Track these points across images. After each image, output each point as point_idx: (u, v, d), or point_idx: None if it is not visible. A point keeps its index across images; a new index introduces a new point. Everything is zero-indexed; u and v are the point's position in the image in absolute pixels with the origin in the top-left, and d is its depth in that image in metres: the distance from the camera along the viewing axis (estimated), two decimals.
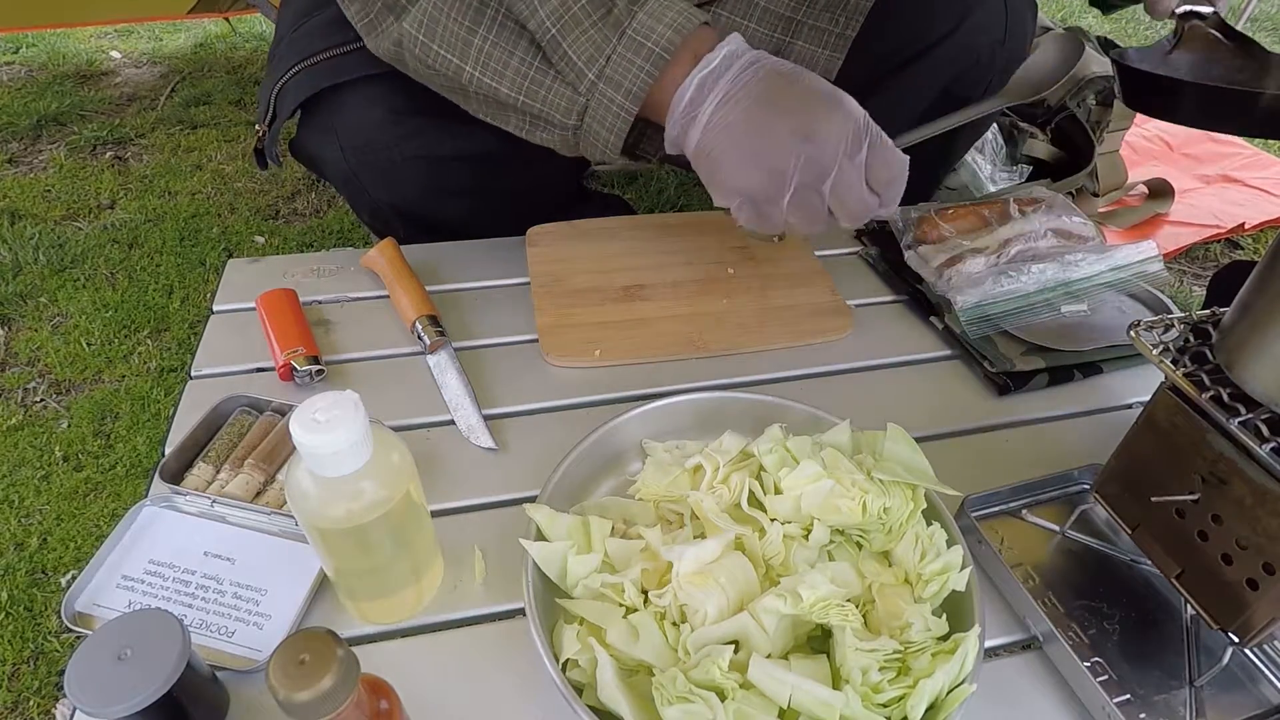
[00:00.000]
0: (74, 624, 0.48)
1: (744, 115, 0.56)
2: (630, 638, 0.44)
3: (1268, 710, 0.48)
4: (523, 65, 0.59)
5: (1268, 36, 2.46)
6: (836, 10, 0.76)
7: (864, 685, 0.41)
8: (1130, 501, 0.51)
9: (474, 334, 0.71)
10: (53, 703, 0.79)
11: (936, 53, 0.87)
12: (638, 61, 0.56)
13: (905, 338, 0.75)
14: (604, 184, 1.53)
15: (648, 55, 0.56)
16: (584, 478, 0.55)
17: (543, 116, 0.61)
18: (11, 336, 1.20)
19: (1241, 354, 0.43)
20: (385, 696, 0.38)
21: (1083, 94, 1.32)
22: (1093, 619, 0.52)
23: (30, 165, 1.62)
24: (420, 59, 0.62)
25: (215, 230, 1.42)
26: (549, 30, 0.57)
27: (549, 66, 0.59)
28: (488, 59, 0.60)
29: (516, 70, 0.60)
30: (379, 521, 0.42)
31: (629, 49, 0.57)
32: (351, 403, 0.39)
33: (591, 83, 0.58)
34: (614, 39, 0.57)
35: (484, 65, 0.60)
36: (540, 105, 0.60)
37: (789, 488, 0.50)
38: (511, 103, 0.61)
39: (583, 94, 0.58)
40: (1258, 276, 0.42)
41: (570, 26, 0.57)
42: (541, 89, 0.60)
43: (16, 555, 0.90)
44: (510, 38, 0.60)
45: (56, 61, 2.03)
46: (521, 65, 0.59)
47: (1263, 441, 0.41)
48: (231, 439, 0.58)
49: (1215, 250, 1.39)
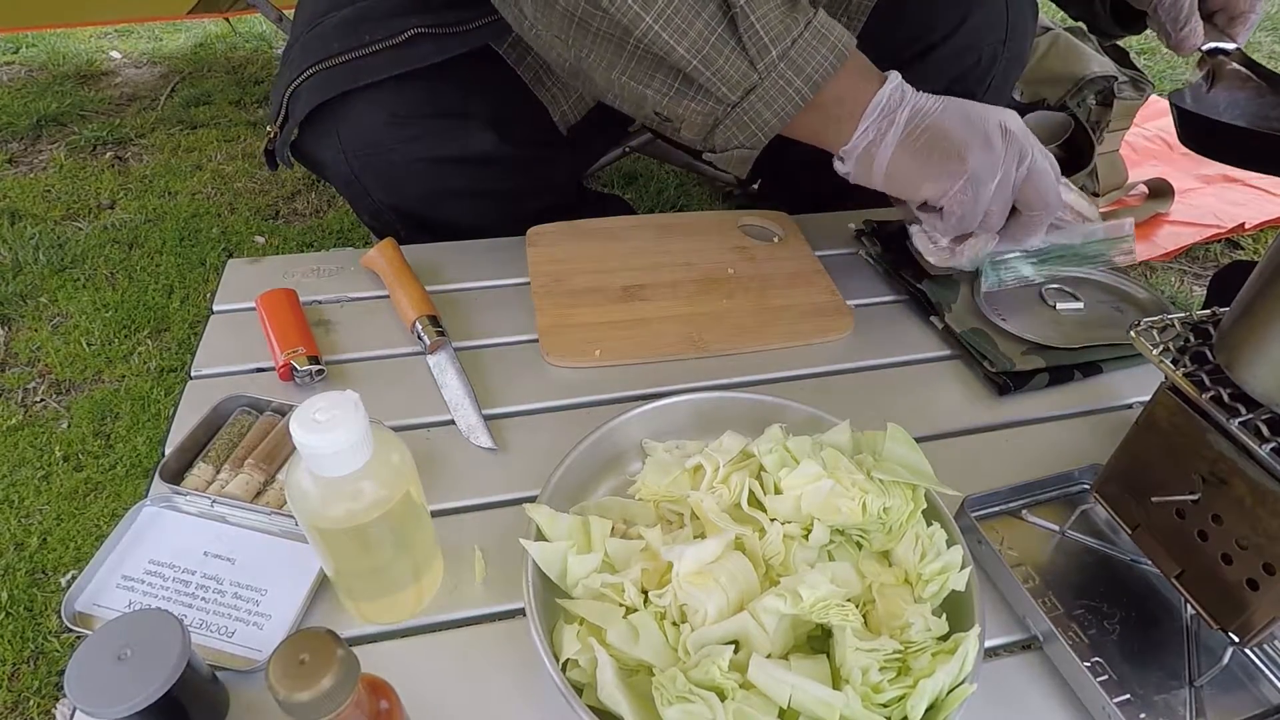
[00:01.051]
0: (74, 624, 0.48)
1: (952, 113, 0.61)
2: (630, 638, 0.44)
3: (1268, 710, 0.48)
4: (706, 28, 0.57)
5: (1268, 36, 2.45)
6: (838, 11, 0.76)
7: (864, 685, 0.41)
8: (1130, 501, 0.51)
9: (474, 334, 0.71)
10: (53, 703, 0.79)
11: (938, 53, 0.87)
12: (822, 50, 0.58)
13: (905, 338, 0.75)
14: (604, 184, 1.54)
15: (831, 47, 0.58)
16: (584, 478, 0.55)
17: (705, 85, 0.59)
18: (11, 336, 1.20)
19: (1241, 354, 0.43)
20: (385, 696, 0.38)
21: (1083, 94, 1.32)
22: (1093, 619, 0.52)
23: (30, 165, 1.62)
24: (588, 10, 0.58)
25: (215, 230, 1.42)
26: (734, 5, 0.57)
27: (732, 35, 0.58)
28: (674, 13, 0.57)
29: (699, 32, 0.57)
30: (379, 521, 0.42)
31: (814, 37, 0.58)
32: (351, 403, 0.39)
33: (772, 61, 0.58)
34: (801, 24, 0.58)
35: (667, 20, 0.57)
36: (710, 73, 0.59)
37: (789, 488, 0.50)
38: (681, 64, 0.59)
39: (760, 71, 0.58)
40: (1258, 276, 0.42)
41: (761, 1, 0.57)
42: (719, 57, 0.58)
43: (16, 555, 0.90)
44: None
45: (56, 61, 2.03)
46: (705, 28, 0.57)
47: (1263, 441, 0.41)
48: (231, 439, 0.58)
49: (1215, 250, 1.39)
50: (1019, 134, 0.62)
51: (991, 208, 0.63)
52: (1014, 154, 0.61)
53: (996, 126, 0.61)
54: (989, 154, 0.61)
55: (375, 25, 0.73)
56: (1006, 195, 0.63)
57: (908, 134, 0.61)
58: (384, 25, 0.73)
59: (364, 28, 0.73)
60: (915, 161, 0.62)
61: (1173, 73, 2.12)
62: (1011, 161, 0.61)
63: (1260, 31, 2.49)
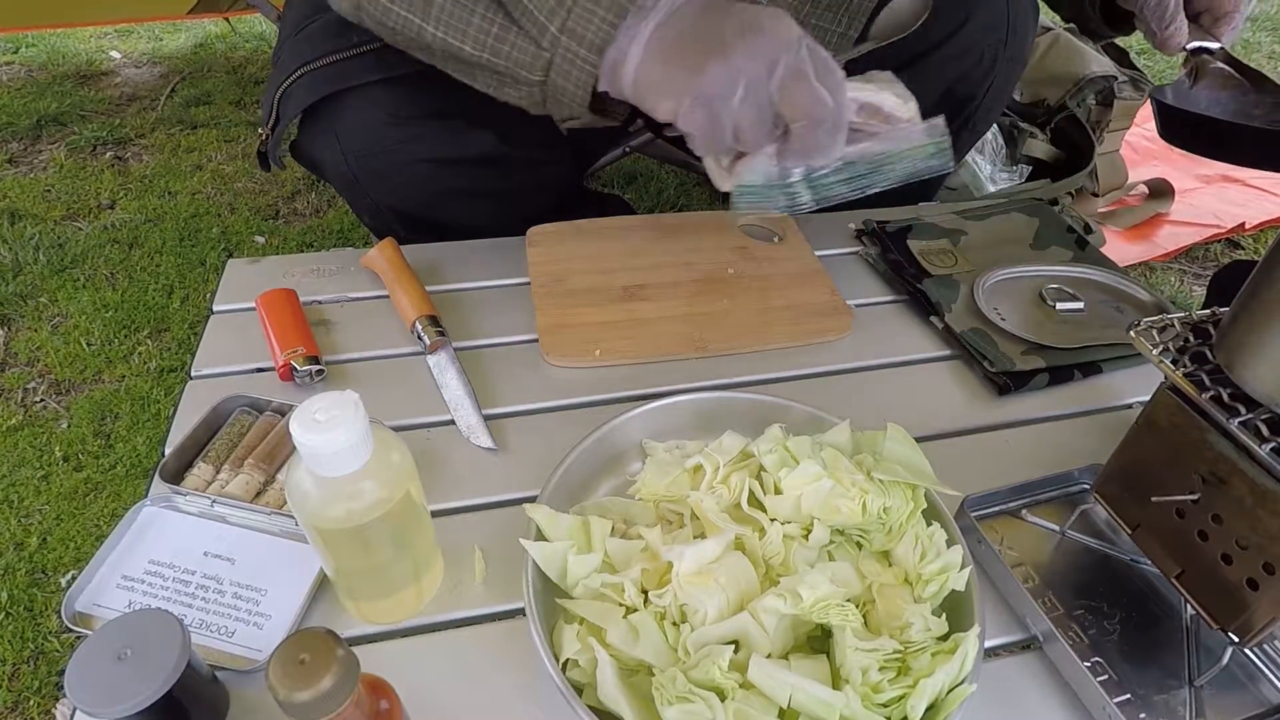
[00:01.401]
0: (74, 624, 0.48)
1: (691, 23, 0.55)
2: (630, 638, 0.44)
3: (1268, 710, 0.48)
4: (484, 22, 0.58)
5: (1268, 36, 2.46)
6: (839, 10, 0.76)
7: (864, 685, 0.41)
8: (1130, 501, 0.51)
9: (474, 334, 0.71)
10: (53, 703, 0.79)
11: (938, 54, 0.87)
12: (599, 11, 0.54)
13: (905, 338, 0.75)
14: (604, 184, 1.54)
15: (609, 5, 0.54)
16: (584, 478, 0.55)
17: (509, 74, 0.59)
18: (11, 336, 1.20)
19: (1241, 354, 0.43)
20: (385, 696, 0.38)
21: (1083, 94, 1.32)
22: (1093, 619, 0.52)
23: (30, 165, 1.62)
24: (380, 20, 0.61)
25: (215, 230, 1.42)
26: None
27: (511, 22, 0.57)
28: (449, 17, 0.58)
29: (479, 28, 0.58)
30: (379, 521, 0.42)
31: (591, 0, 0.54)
32: (351, 403, 0.39)
33: (554, 36, 0.56)
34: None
35: (445, 24, 0.58)
36: (505, 63, 0.58)
37: (789, 488, 0.50)
38: (476, 61, 0.60)
39: (546, 48, 0.57)
40: (1257, 276, 0.42)
41: None
42: (505, 45, 0.58)
43: (16, 555, 0.90)
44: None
45: (56, 61, 2.03)
46: (483, 22, 0.58)
47: (1263, 441, 0.41)
48: (231, 439, 0.58)
49: (1215, 250, 1.39)
50: (769, 34, 0.54)
51: (741, 124, 0.56)
52: (760, 61, 0.54)
53: (736, 29, 0.54)
54: (721, 65, 0.54)
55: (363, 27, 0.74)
56: (758, 109, 0.55)
57: (657, 38, 0.55)
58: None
59: (352, 29, 0.73)
60: (659, 69, 0.56)
61: (1172, 73, 2.12)
62: (758, 68, 0.54)
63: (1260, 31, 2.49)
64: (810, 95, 0.55)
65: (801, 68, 0.54)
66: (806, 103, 0.55)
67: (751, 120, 0.55)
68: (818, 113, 0.55)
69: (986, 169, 1.28)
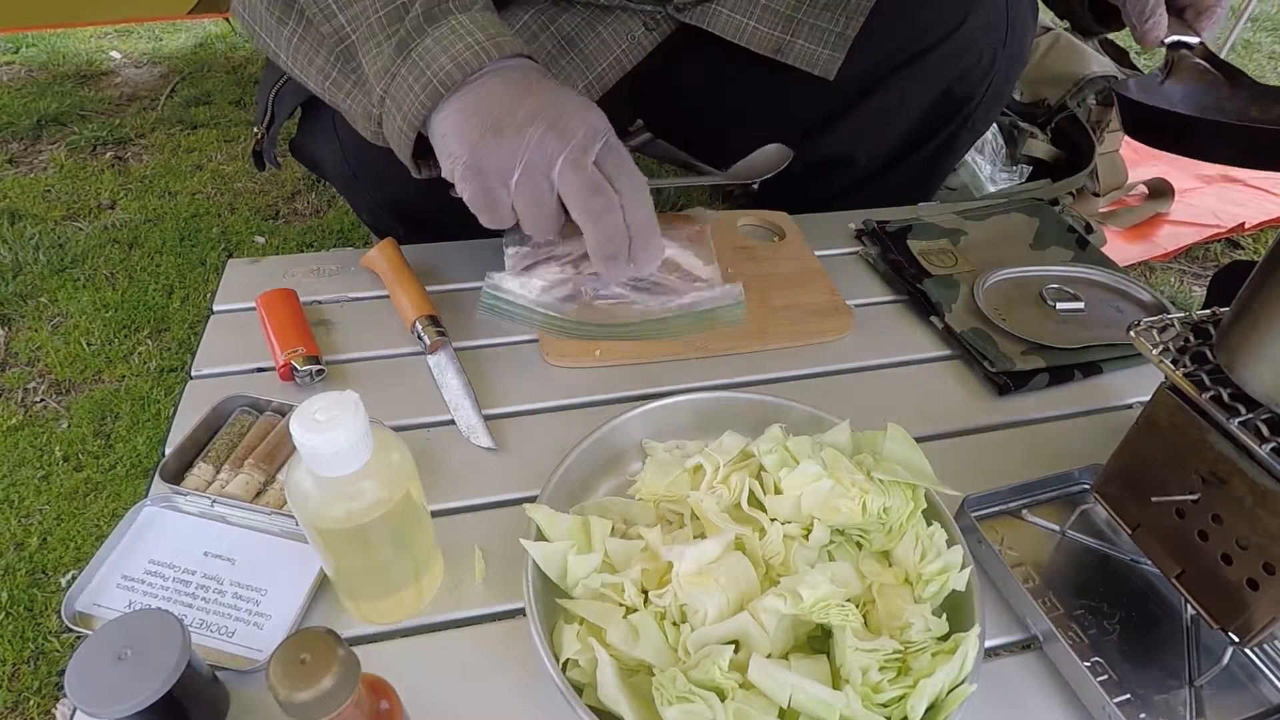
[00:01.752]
0: (74, 624, 0.48)
1: (487, 93, 0.53)
2: (630, 638, 0.44)
3: (1268, 710, 0.48)
4: (326, 65, 0.58)
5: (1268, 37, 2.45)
6: (837, 9, 0.76)
7: (864, 685, 0.41)
8: (1130, 501, 0.51)
9: (474, 334, 0.71)
10: (53, 703, 0.79)
11: (937, 52, 0.87)
12: (415, 89, 0.53)
13: (905, 338, 0.75)
14: None
15: (425, 85, 0.53)
16: (584, 478, 0.55)
17: (349, 112, 0.60)
18: (11, 336, 1.20)
19: (1241, 354, 0.43)
20: (385, 696, 0.38)
21: (1083, 94, 1.32)
22: (1093, 619, 0.52)
23: (30, 165, 1.62)
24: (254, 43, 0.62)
25: (215, 230, 1.42)
26: (349, 35, 0.56)
27: (351, 71, 0.58)
28: (296, 52, 0.59)
29: (320, 69, 0.59)
30: (379, 521, 0.42)
31: (411, 74, 0.53)
32: (351, 403, 0.39)
33: (379, 98, 0.55)
34: (399, 60, 0.53)
35: (294, 57, 0.59)
36: (345, 106, 0.59)
37: (789, 488, 0.50)
38: (322, 94, 0.60)
39: (375, 106, 0.56)
40: (1257, 276, 0.42)
41: (366, 37, 0.55)
42: (342, 91, 0.59)
43: (16, 555, 0.90)
44: (315, 36, 0.59)
45: (56, 61, 2.03)
46: (325, 65, 0.58)
47: (1263, 441, 0.41)
48: (231, 439, 0.58)
49: (1215, 250, 1.40)
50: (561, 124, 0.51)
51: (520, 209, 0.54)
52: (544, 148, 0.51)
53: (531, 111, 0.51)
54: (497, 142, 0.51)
55: None
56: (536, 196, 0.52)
57: (461, 96, 0.53)
58: None
59: None
60: (450, 127, 0.53)
61: None
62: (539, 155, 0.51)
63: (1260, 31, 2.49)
64: (589, 187, 0.52)
65: (586, 164, 0.52)
66: (586, 199, 0.52)
67: (528, 204, 0.53)
68: (597, 207, 0.52)
69: (986, 169, 1.28)
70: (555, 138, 0.51)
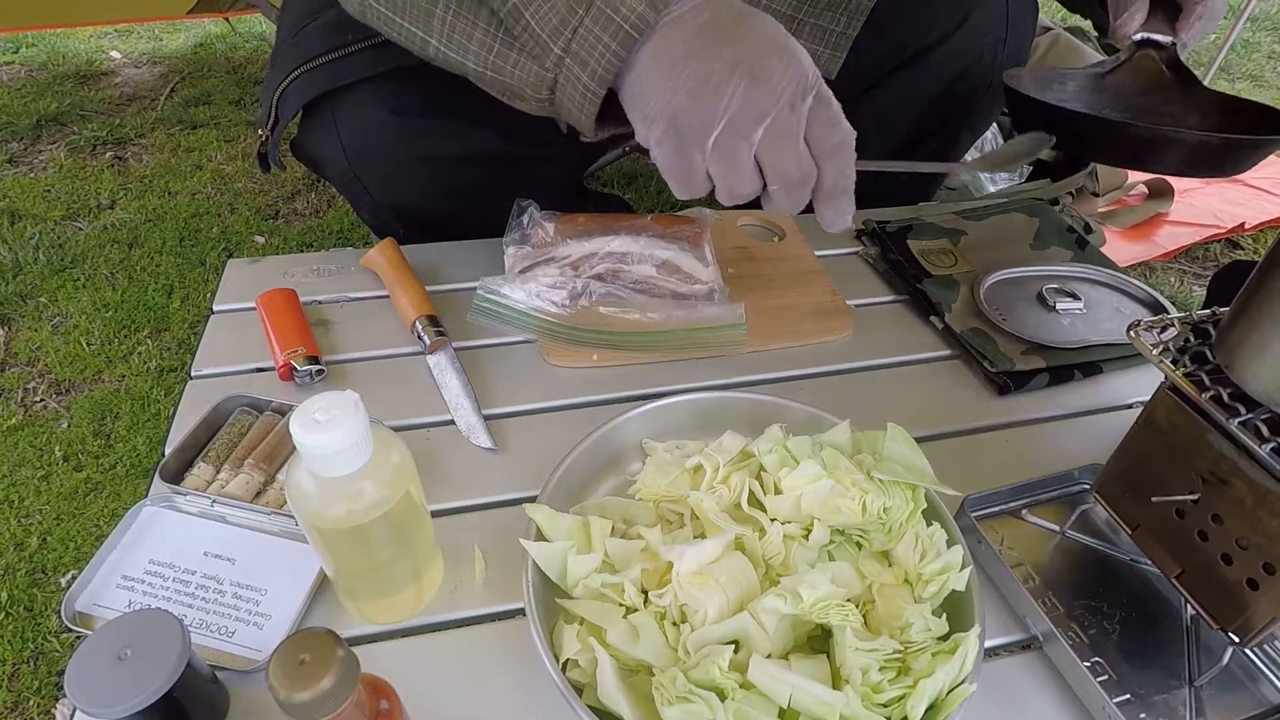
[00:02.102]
0: (74, 624, 0.48)
1: (684, 40, 0.48)
2: (630, 638, 0.44)
3: (1268, 710, 0.48)
4: (486, 37, 0.54)
5: (1268, 37, 2.45)
6: (838, 9, 0.76)
7: (864, 685, 0.41)
8: (1130, 501, 0.51)
9: (474, 334, 0.71)
10: (53, 703, 0.79)
11: (938, 52, 0.87)
12: (604, 38, 0.49)
13: (905, 338, 0.75)
14: (604, 184, 1.54)
15: (615, 32, 0.48)
16: (584, 478, 0.55)
17: (513, 91, 0.56)
18: (11, 336, 1.20)
19: (1241, 354, 0.43)
20: (385, 696, 0.38)
21: None
22: (1093, 619, 0.52)
23: (30, 165, 1.62)
24: (389, 33, 0.59)
25: (215, 230, 1.42)
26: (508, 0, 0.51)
27: (513, 39, 0.53)
28: (451, 31, 0.55)
29: (481, 43, 0.54)
30: (379, 521, 0.42)
31: (596, 22, 0.49)
32: (351, 403, 0.39)
33: (557, 58, 0.51)
34: (580, 10, 0.49)
35: (448, 39, 0.55)
36: (508, 80, 0.55)
37: (789, 488, 0.50)
38: (481, 77, 0.57)
39: (549, 69, 0.52)
40: (1257, 276, 0.42)
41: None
42: (507, 63, 0.54)
43: (16, 555, 0.90)
44: (472, 6, 0.54)
45: (56, 61, 2.03)
46: (485, 38, 0.54)
47: (1263, 441, 0.41)
48: (231, 439, 0.58)
49: (1215, 250, 1.40)
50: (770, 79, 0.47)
51: (714, 172, 0.50)
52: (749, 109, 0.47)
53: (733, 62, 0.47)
54: (699, 102, 0.47)
55: (360, 24, 0.73)
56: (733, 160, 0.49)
57: (651, 49, 0.49)
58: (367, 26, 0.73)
59: (349, 27, 0.73)
60: (641, 88, 0.50)
61: None
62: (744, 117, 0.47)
63: (1260, 31, 2.49)
64: (794, 162, 0.49)
65: (791, 130, 0.48)
66: (788, 168, 0.49)
67: (724, 168, 0.50)
68: (795, 180, 0.50)
69: None
70: (759, 93, 0.47)
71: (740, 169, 0.50)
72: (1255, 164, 0.68)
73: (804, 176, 0.50)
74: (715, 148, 0.49)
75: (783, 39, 0.49)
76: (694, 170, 0.51)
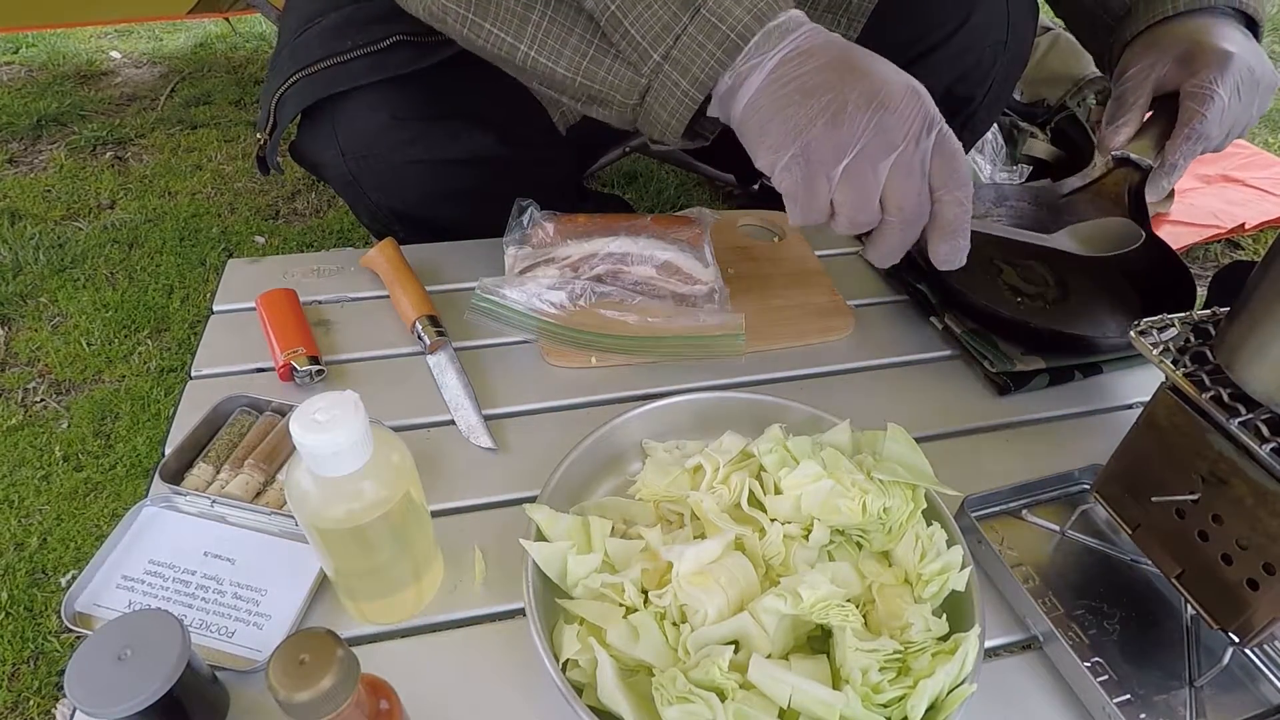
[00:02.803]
0: (74, 624, 0.48)
1: (816, 69, 0.50)
2: (630, 638, 0.44)
3: (1268, 710, 0.48)
4: (581, 43, 0.55)
5: (1268, 37, 2.45)
6: (838, 11, 0.76)
7: (864, 685, 0.41)
8: (1130, 501, 0.51)
9: (474, 334, 0.71)
10: (53, 703, 0.79)
11: (938, 54, 0.87)
12: (709, 46, 0.51)
13: (905, 338, 0.75)
14: (604, 184, 1.54)
15: (721, 40, 0.51)
16: (584, 478, 0.55)
17: (600, 97, 0.57)
18: (11, 336, 1.20)
19: (1241, 354, 0.43)
20: (385, 696, 0.38)
21: (1083, 94, 1.32)
22: (1093, 619, 0.52)
23: (30, 165, 1.62)
24: (468, 38, 0.59)
25: (215, 230, 1.42)
26: (608, 6, 0.53)
27: (609, 46, 0.54)
28: (545, 36, 0.55)
29: (575, 48, 0.55)
30: (379, 522, 0.42)
31: (701, 30, 0.51)
32: (351, 403, 0.39)
33: (656, 64, 0.53)
34: (685, 17, 0.51)
35: (540, 44, 0.56)
36: (598, 86, 0.56)
37: (789, 488, 0.50)
38: (568, 83, 0.57)
39: (645, 75, 0.54)
40: (1257, 276, 0.42)
41: (635, 1, 0.52)
42: (601, 69, 0.55)
43: (16, 555, 0.90)
44: (569, 13, 0.55)
45: (56, 61, 2.03)
46: (580, 43, 0.55)
47: (1263, 441, 0.41)
48: (231, 439, 0.58)
49: (1215, 250, 1.39)
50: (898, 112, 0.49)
51: (838, 201, 0.52)
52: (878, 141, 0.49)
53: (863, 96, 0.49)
54: (832, 130, 0.49)
55: (359, 31, 0.73)
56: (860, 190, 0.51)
57: (773, 79, 0.51)
58: (367, 31, 0.73)
59: (348, 33, 0.73)
60: (765, 115, 0.51)
61: None
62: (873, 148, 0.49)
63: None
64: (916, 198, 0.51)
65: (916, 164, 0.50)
66: (910, 202, 0.51)
67: (849, 197, 0.52)
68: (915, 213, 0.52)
69: (986, 169, 1.28)
70: (890, 126, 0.49)
71: (866, 198, 0.51)
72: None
73: (921, 212, 0.53)
74: (844, 176, 0.51)
75: (907, 78, 0.51)
76: (818, 197, 0.52)
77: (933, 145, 0.51)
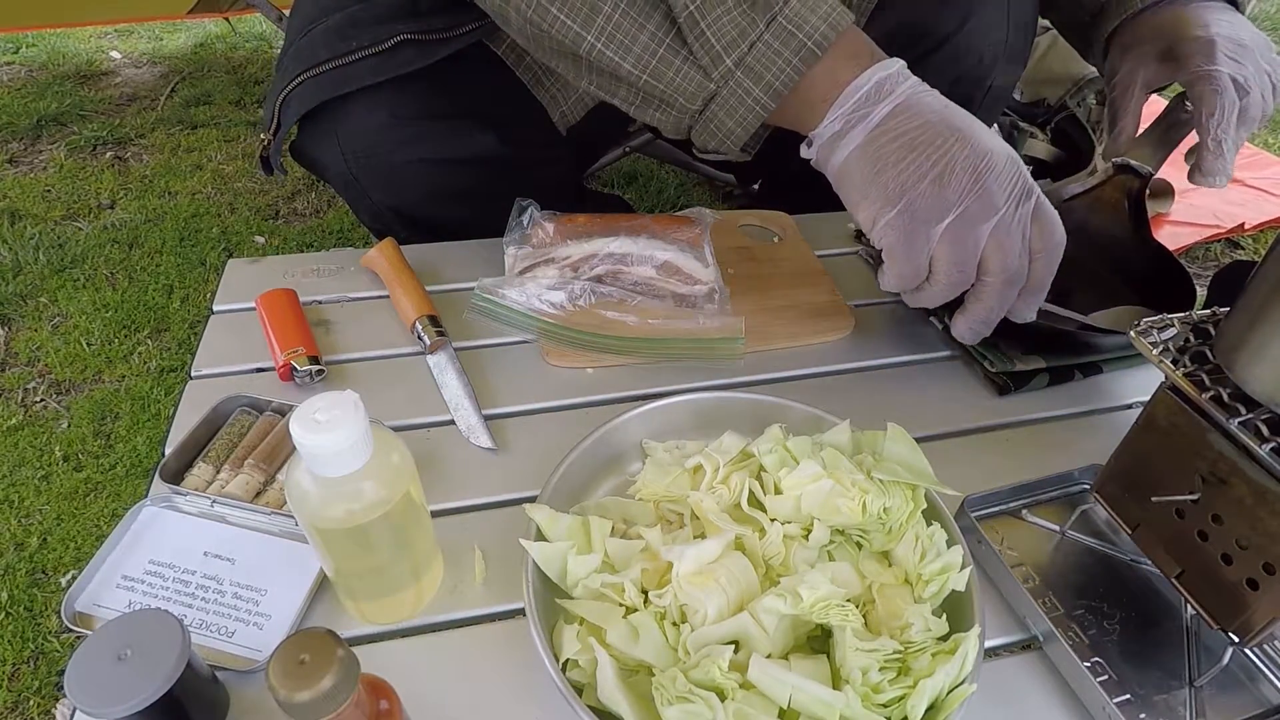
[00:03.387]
0: (74, 624, 0.48)
1: (921, 126, 0.52)
2: (630, 638, 0.44)
3: (1268, 710, 0.48)
4: (652, 41, 0.54)
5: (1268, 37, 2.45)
6: None
7: (864, 685, 0.41)
8: (1130, 501, 0.51)
9: (474, 334, 0.71)
10: (53, 703, 0.79)
11: (938, 54, 0.87)
12: (785, 54, 0.52)
13: (905, 338, 0.75)
14: (604, 184, 1.54)
15: (797, 48, 0.51)
16: (584, 478, 0.55)
17: (662, 97, 0.57)
18: (11, 336, 1.20)
19: (1241, 354, 0.43)
20: (385, 696, 0.38)
21: (1083, 94, 1.33)
22: (1093, 619, 0.52)
23: (30, 165, 1.62)
24: (533, 21, 0.57)
25: (215, 230, 1.42)
26: (687, 6, 0.52)
27: (681, 45, 0.54)
28: (615, 29, 0.54)
29: (645, 46, 0.54)
30: (379, 522, 0.42)
31: (777, 38, 0.52)
32: (351, 403, 0.39)
33: (728, 70, 0.53)
34: (761, 24, 0.52)
35: (609, 37, 0.55)
36: (663, 86, 0.55)
37: (789, 488, 0.50)
38: (631, 80, 0.57)
39: (714, 80, 0.54)
40: (1257, 276, 0.42)
41: (713, 4, 0.52)
42: (669, 70, 0.55)
43: (16, 555, 0.90)
44: (644, 8, 0.54)
45: (56, 61, 2.03)
46: (651, 41, 0.54)
47: (1263, 441, 0.41)
48: (231, 439, 0.58)
49: (1215, 250, 1.40)
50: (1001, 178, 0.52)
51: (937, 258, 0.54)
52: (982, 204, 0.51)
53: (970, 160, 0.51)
54: (937, 190, 0.51)
55: (363, 32, 0.73)
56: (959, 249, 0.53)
57: (880, 132, 0.53)
58: (370, 32, 0.73)
59: (352, 34, 0.73)
60: (869, 168, 0.53)
61: None
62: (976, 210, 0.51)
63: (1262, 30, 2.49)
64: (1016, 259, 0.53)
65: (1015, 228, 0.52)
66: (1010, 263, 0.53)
67: (949, 255, 0.53)
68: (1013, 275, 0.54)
69: None
70: (994, 189, 0.51)
71: (966, 257, 0.53)
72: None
73: (1020, 273, 0.54)
74: (945, 236, 0.52)
75: (1004, 143, 0.53)
76: (918, 252, 0.53)
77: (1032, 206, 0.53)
